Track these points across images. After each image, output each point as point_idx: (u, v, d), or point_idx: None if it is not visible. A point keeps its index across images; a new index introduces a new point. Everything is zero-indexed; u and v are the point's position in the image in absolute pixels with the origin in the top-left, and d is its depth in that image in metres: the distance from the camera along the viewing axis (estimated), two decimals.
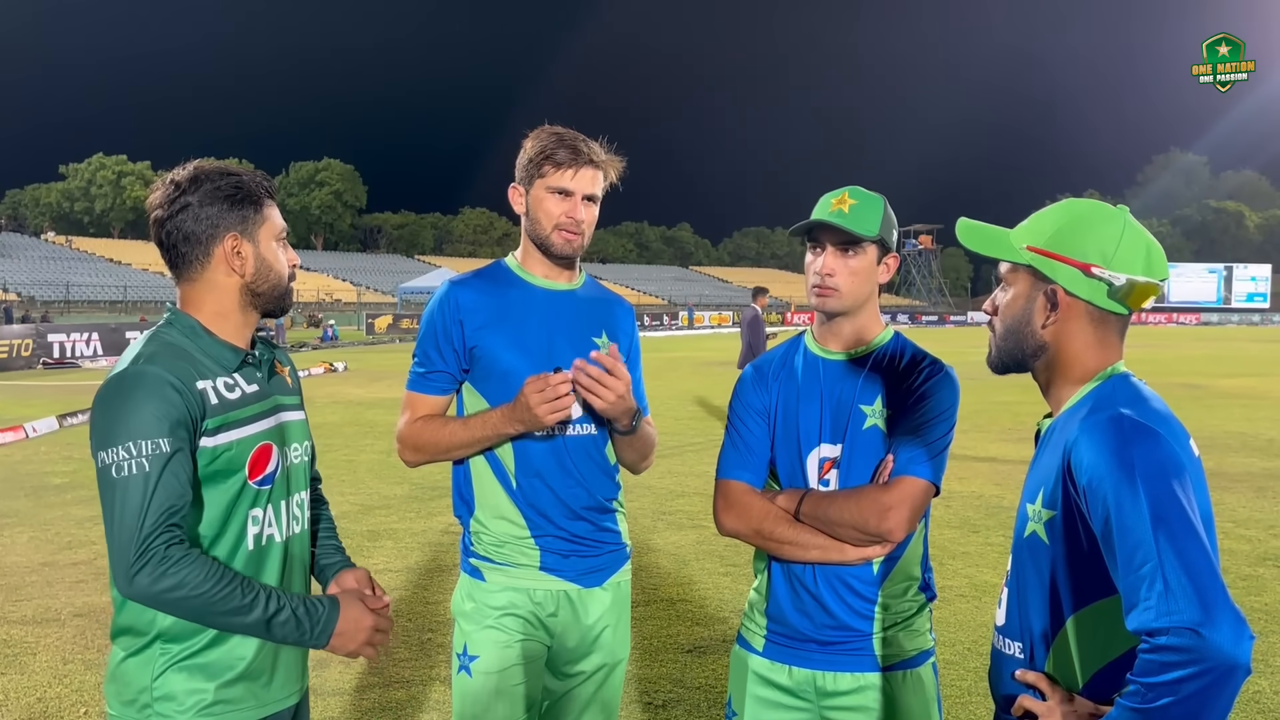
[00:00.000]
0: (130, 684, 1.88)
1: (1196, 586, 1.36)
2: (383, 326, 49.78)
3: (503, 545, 2.44)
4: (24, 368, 24.19)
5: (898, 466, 2.13)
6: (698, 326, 64.44)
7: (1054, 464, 1.60)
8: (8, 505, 8.25)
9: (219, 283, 1.98)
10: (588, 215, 2.43)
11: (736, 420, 2.31)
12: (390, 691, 4.45)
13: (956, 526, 7.58)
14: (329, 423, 13.83)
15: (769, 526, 2.18)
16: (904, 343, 2.29)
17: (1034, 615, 1.65)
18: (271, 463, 1.99)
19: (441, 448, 2.43)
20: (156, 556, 1.75)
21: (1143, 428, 1.51)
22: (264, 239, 2.00)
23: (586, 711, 2.51)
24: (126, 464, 1.78)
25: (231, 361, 1.97)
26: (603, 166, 2.44)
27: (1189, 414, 14.69)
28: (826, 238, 2.20)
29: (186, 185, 1.95)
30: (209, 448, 1.88)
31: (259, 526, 1.96)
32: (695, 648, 5.03)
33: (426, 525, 7.61)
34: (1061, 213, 1.71)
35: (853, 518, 2.10)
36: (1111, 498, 1.46)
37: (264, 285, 2.01)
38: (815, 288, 2.22)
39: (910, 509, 2.09)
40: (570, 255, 2.46)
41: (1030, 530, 1.64)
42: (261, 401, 1.99)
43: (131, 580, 1.75)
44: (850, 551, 2.13)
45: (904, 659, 2.21)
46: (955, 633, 5.14)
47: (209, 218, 1.94)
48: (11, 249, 67.71)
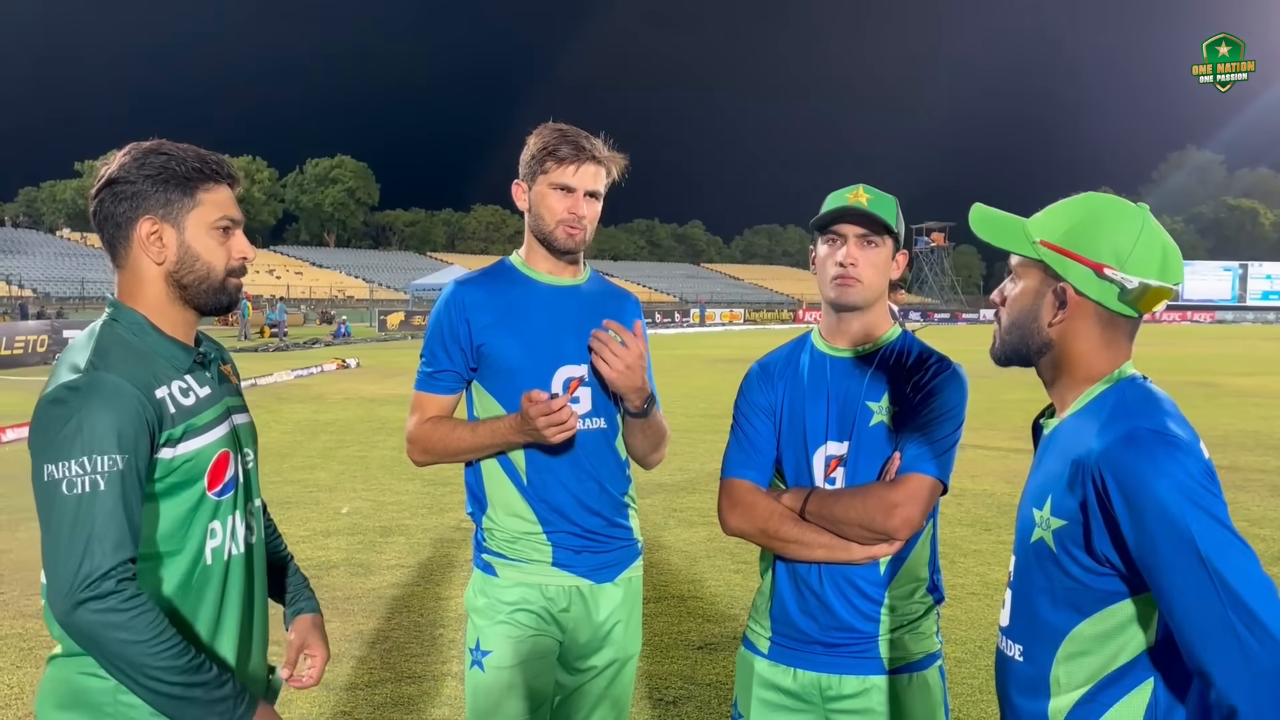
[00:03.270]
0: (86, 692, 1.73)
1: (1268, 620, 1.34)
2: (395, 323, 49.88)
3: (515, 541, 2.45)
4: (39, 363, 24.30)
5: (905, 464, 2.10)
6: (709, 324, 64.33)
7: (1064, 471, 1.56)
8: (24, 500, 8.29)
9: (144, 271, 1.82)
10: (590, 211, 2.45)
11: (742, 418, 2.30)
12: (402, 686, 4.47)
13: (968, 524, 7.57)
14: (341, 419, 13.89)
15: (774, 525, 2.16)
16: (912, 340, 2.28)
17: (1039, 620, 1.62)
18: (229, 471, 1.85)
19: (450, 451, 2.44)
20: (111, 590, 1.59)
21: (1167, 442, 1.46)
22: (193, 225, 1.81)
23: (598, 707, 2.52)
24: (80, 480, 1.62)
25: (183, 362, 1.82)
26: (605, 163, 2.45)
27: (1203, 413, 14.62)
28: (849, 228, 2.18)
29: (117, 162, 1.80)
30: (167, 459, 1.74)
31: (217, 539, 1.83)
32: (705, 645, 5.04)
33: (439, 521, 7.64)
34: (1079, 207, 1.66)
35: (859, 516, 2.08)
36: (1155, 528, 1.42)
37: (189, 276, 1.82)
38: (837, 278, 2.18)
39: (917, 506, 2.07)
40: (573, 250, 2.47)
41: (1037, 537, 1.61)
42: (215, 405, 1.85)
43: (74, 609, 1.59)
44: (856, 550, 2.11)
45: (910, 662, 2.19)
46: (966, 631, 5.14)
47: (129, 197, 1.78)
48: (27, 245, 68.12)
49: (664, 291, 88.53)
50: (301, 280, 73.02)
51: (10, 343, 24.07)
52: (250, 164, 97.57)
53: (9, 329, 25.63)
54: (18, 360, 23.97)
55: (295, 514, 7.79)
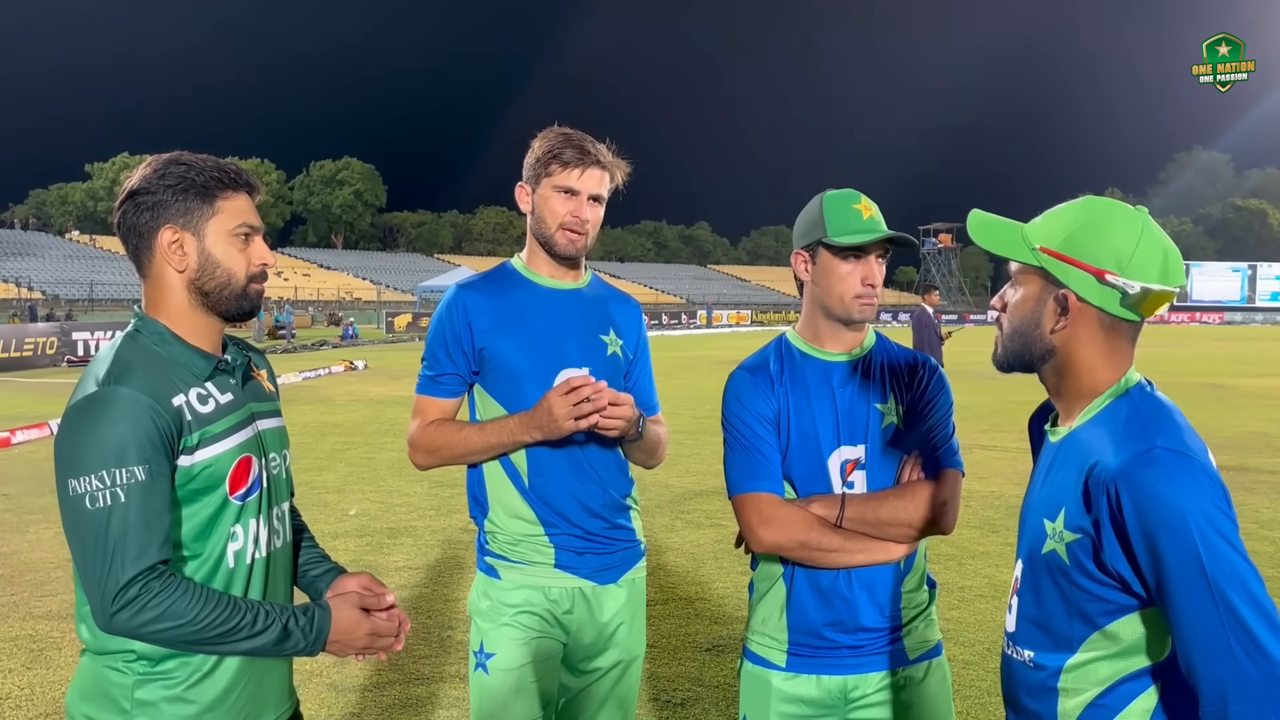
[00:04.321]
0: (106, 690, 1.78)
1: (1267, 643, 1.37)
2: (402, 325, 49.99)
3: (517, 544, 2.45)
4: (48, 365, 24.42)
5: (940, 461, 2.18)
6: (716, 325, 64.32)
7: (1078, 485, 1.56)
8: (33, 502, 8.34)
9: (167, 280, 1.85)
10: (593, 215, 2.45)
11: (745, 429, 2.22)
12: (411, 688, 4.48)
13: (976, 526, 7.56)
14: (349, 421, 13.92)
15: (815, 537, 2.12)
16: (887, 342, 2.35)
17: (1049, 629, 1.62)
18: (252, 476, 1.87)
19: (455, 453, 2.45)
20: (135, 595, 1.65)
21: (1185, 462, 1.47)
22: (213, 233, 1.85)
23: (604, 708, 2.52)
24: (101, 494, 1.66)
25: (204, 370, 1.85)
26: (609, 168, 2.45)
27: (1212, 414, 14.57)
28: (874, 247, 2.19)
29: (138, 173, 1.85)
30: (186, 466, 1.77)
31: (239, 543, 1.85)
32: (713, 646, 5.03)
33: (446, 523, 7.66)
34: (1078, 213, 1.64)
35: (909, 516, 2.13)
36: (1165, 546, 1.44)
37: (210, 284, 1.85)
38: (861, 298, 2.19)
39: (959, 501, 2.19)
40: (573, 255, 2.46)
41: (1050, 548, 1.60)
42: (237, 411, 1.87)
43: (111, 619, 1.66)
44: (894, 550, 2.16)
45: (929, 649, 2.25)
46: (974, 633, 5.11)
47: (151, 208, 1.82)
48: (36, 248, 68.42)
49: (671, 293, 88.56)
50: (309, 282, 73.23)
51: (20, 345, 24.18)
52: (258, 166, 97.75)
53: (18, 331, 25.74)
54: (27, 362, 24.07)
55: (303, 516, 7.80)
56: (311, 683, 4.50)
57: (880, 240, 2.17)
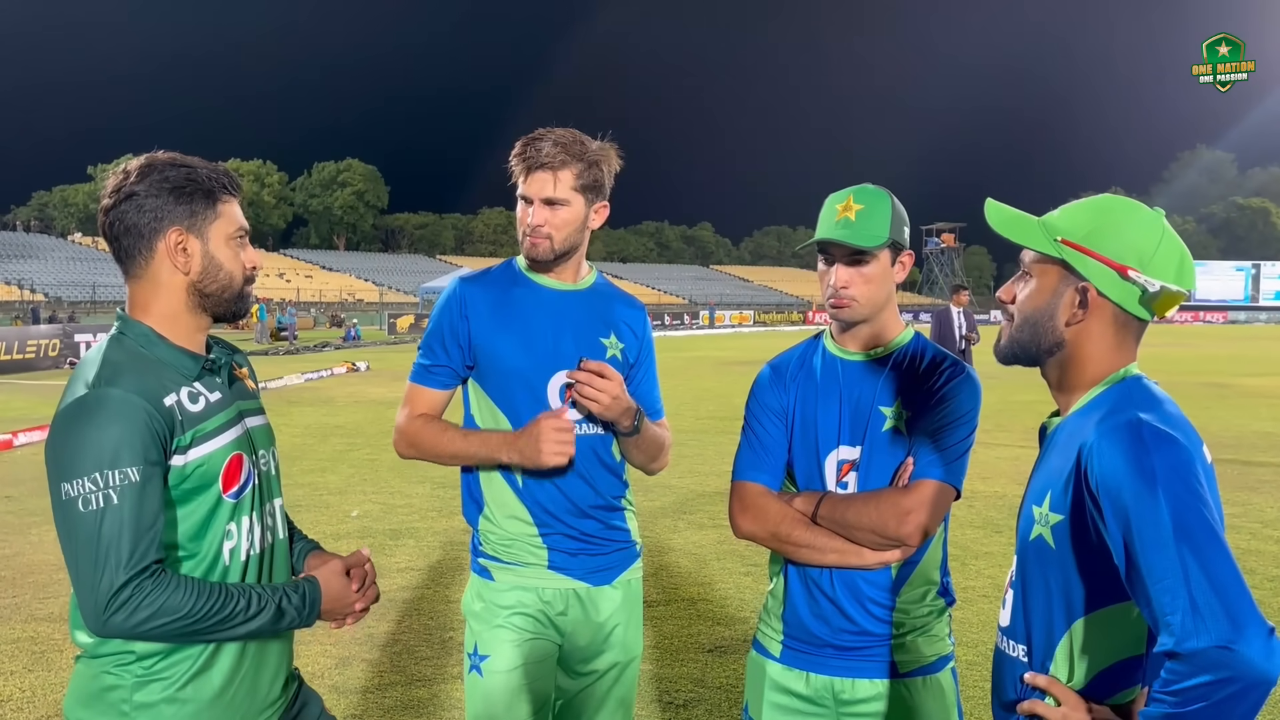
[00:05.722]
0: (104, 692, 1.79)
1: (1224, 602, 1.33)
2: (404, 326, 50.03)
3: (511, 544, 2.45)
4: (51, 367, 24.43)
5: (918, 470, 2.09)
6: (719, 326, 64.29)
7: (1064, 467, 1.57)
8: (35, 504, 8.34)
9: (164, 281, 1.85)
10: (552, 217, 2.39)
11: (753, 420, 2.27)
12: (412, 689, 4.47)
13: (979, 526, 7.55)
14: (351, 422, 13.92)
15: (786, 529, 2.14)
16: (924, 343, 2.26)
17: (1039, 619, 1.63)
18: (243, 473, 1.88)
19: (436, 453, 2.47)
20: (129, 597, 1.66)
21: (1162, 434, 1.47)
22: (215, 236, 1.86)
23: (604, 709, 2.52)
24: (94, 496, 1.66)
25: (192, 370, 1.85)
26: (555, 167, 2.36)
27: (1215, 413, 14.56)
28: (836, 250, 2.16)
29: (135, 174, 1.83)
30: (180, 466, 1.77)
31: (234, 540, 1.86)
32: (716, 647, 5.03)
33: (448, 524, 7.65)
34: (1099, 208, 1.65)
35: (871, 521, 2.07)
36: (1132, 508, 1.42)
37: (212, 286, 1.87)
38: (831, 301, 2.17)
39: (930, 513, 2.06)
40: (538, 259, 2.43)
41: (1036, 534, 1.61)
42: (226, 410, 1.88)
43: (105, 623, 1.66)
44: (868, 555, 2.10)
45: (923, 665, 2.18)
46: (977, 634, 5.11)
47: (153, 209, 1.81)
48: (39, 250, 68.50)
49: (673, 293, 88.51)
50: (311, 283, 73.24)
51: (22, 347, 24.20)
52: (260, 168, 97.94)
53: (21, 333, 25.74)
54: (30, 364, 24.09)
55: (305, 517, 7.80)
56: (313, 684, 4.48)
57: (838, 247, 2.13)
